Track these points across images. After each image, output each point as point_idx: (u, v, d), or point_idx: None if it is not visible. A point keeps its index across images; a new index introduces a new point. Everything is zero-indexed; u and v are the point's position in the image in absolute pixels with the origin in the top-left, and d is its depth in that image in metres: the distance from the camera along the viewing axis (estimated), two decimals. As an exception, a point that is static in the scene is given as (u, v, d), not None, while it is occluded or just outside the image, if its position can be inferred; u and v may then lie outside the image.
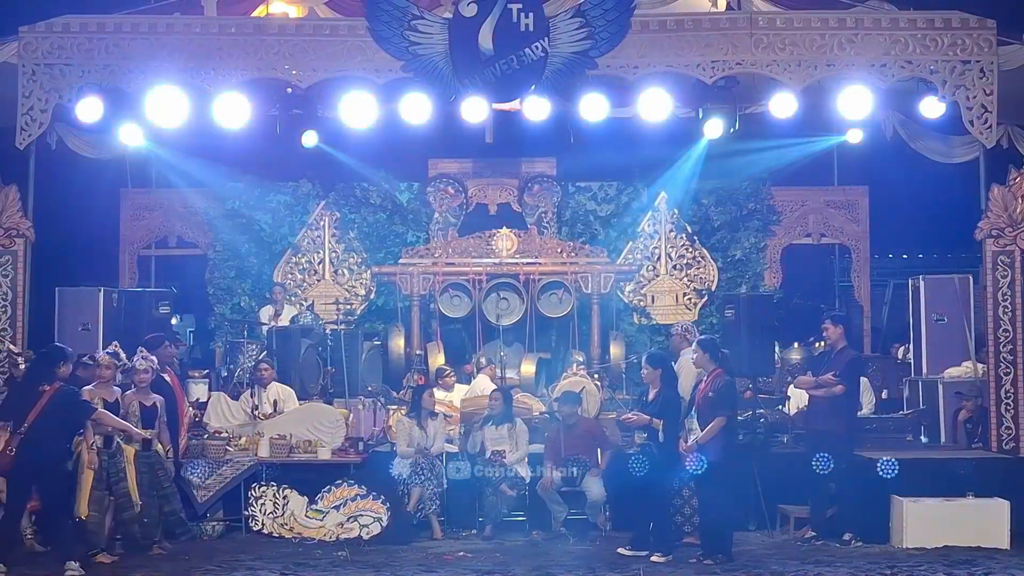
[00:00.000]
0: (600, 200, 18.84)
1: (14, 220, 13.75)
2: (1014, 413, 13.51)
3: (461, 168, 18.80)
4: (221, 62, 13.83)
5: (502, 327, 16.86)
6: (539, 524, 13.08)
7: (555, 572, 11.18)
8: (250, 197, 18.75)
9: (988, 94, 13.49)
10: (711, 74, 13.86)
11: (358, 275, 18.82)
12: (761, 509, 13.16)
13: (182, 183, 18.50)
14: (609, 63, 13.78)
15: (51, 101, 13.64)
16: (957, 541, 12.16)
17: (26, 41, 13.64)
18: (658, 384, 12.16)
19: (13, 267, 13.74)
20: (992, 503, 12.40)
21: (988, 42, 13.55)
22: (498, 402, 13.49)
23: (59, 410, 10.99)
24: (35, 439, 10.84)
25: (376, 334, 17.28)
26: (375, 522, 12.69)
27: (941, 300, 15.66)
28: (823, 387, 12.59)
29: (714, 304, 18.28)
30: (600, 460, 13.16)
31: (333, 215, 18.87)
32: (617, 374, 16.16)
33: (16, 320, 13.70)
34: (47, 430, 10.91)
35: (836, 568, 11.25)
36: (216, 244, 18.93)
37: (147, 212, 19.36)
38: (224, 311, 18.69)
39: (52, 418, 10.93)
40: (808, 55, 13.73)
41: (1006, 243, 13.73)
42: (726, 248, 18.84)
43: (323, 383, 15.76)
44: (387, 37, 13.71)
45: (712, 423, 11.60)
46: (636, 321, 18.56)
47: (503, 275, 16.96)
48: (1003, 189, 13.77)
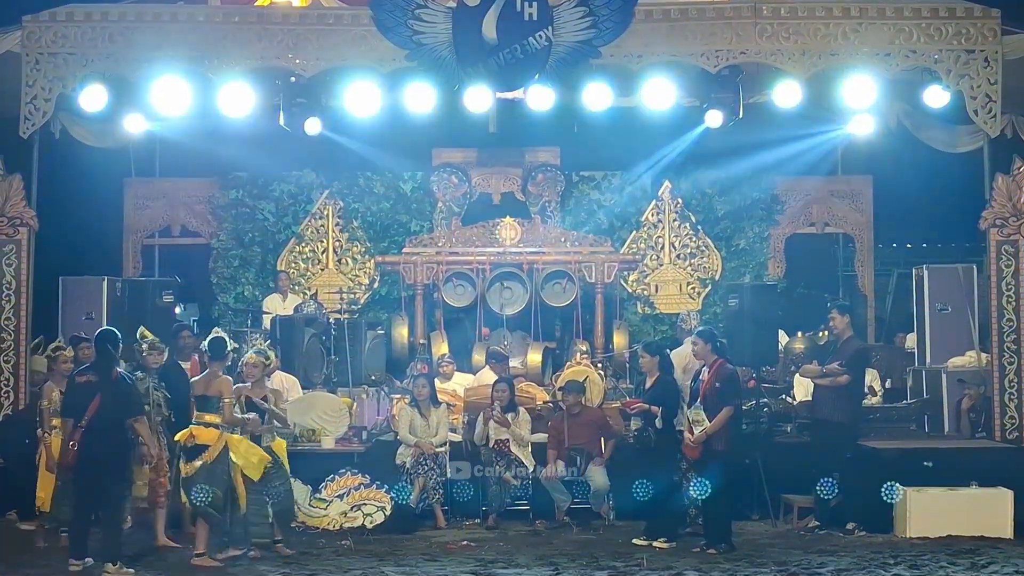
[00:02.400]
0: (604, 189, 18.83)
1: (18, 209, 13.76)
2: (1018, 403, 13.53)
3: (465, 157, 18.77)
4: (225, 51, 13.84)
5: (505, 316, 16.86)
6: (542, 513, 13.10)
7: (558, 561, 11.19)
8: (254, 186, 18.76)
9: (992, 83, 13.48)
10: (715, 63, 13.86)
11: (362, 264, 18.81)
12: (765, 498, 13.18)
13: (186, 172, 18.49)
14: (613, 52, 13.78)
15: (55, 90, 13.65)
16: (960, 531, 12.17)
17: (30, 30, 13.64)
18: (656, 372, 12.27)
19: (17, 256, 13.75)
20: (995, 493, 12.39)
21: (992, 31, 13.54)
22: (505, 393, 13.50)
23: (123, 397, 10.83)
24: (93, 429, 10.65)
25: (379, 323, 17.26)
26: (379, 511, 12.70)
27: (945, 290, 15.66)
28: (828, 376, 12.59)
29: (718, 293, 18.27)
30: (604, 449, 13.18)
31: (337, 204, 18.86)
32: (621, 363, 16.14)
33: (20, 309, 13.72)
34: (110, 418, 10.73)
35: (839, 557, 11.25)
36: (220, 233, 18.93)
37: (151, 201, 19.34)
38: (228, 300, 18.69)
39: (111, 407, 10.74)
40: (812, 44, 13.73)
41: (1010, 232, 13.73)
42: (730, 237, 18.82)
43: (326, 372, 15.77)
44: (391, 26, 13.71)
45: (720, 413, 11.62)
46: (640, 310, 18.56)
47: (507, 264, 16.93)
48: (1007, 178, 13.77)
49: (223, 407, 11.01)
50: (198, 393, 11.17)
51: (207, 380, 11.20)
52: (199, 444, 10.96)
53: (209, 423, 11.01)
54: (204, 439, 10.97)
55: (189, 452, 10.98)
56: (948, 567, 10.81)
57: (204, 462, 10.91)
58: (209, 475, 10.90)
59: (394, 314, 17.29)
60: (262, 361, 11.71)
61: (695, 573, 10.68)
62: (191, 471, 10.92)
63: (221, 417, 11.00)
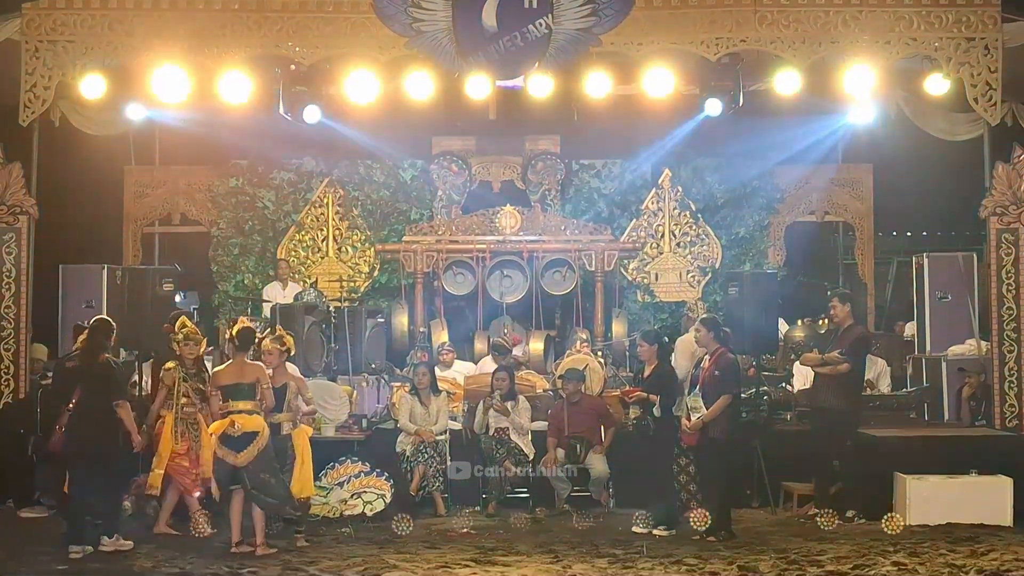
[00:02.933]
0: (604, 177, 18.83)
1: (17, 197, 13.77)
2: (1017, 391, 13.56)
3: (465, 145, 18.78)
4: (224, 39, 13.84)
5: (505, 304, 16.87)
6: (542, 501, 13.11)
7: (558, 549, 11.19)
8: (253, 174, 18.77)
9: (992, 71, 13.48)
10: (715, 51, 13.85)
11: (362, 252, 18.81)
12: (764, 486, 13.19)
13: (185, 160, 18.49)
14: (613, 40, 13.77)
15: (54, 78, 13.66)
16: (960, 518, 12.16)
17: (29, 18, 13.64)
18: (654, 360, 12.31)
19: (17, 244, 13.77)
20: (995, 480, 12.39)
21: (993, 19, 13.54)
22: (504, 382, 13.51)
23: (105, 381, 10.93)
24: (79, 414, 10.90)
25: (380, 311, 17.25)
26: (379, 499, 12.70)
27: (945, 278, 15.69)
28: (828, 365, 12.59)
29: (717, 282, 18.26)
30: (604, 437, 13.19)
31: (337, 193, 18.85)
32: (620, 351, 16.16)
33: (20, 297, 13.74)
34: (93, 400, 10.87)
35: (839, 545, 11.25)
36: (220, 222, 18.93)
37: (150, 189, 19.36)
38: (228, 288, 18.70)
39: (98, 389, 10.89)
40: (812, 32, 13.73)
41: (1010, 221, 13.74)
42: (730, 226, 18.82)
43: (326, 360, 15.77)
44: (391, 14, 13.70)
45: (718, 401, 11.63)
46: (640, 299, 18.55)
47: (507, 253, 16.95)
48: (1007, 167, 13.77)
49: (261, 392, 10.95)
50: (228, 382, 11.02)
51: (237, 369, 11.08)
52: (247, 432, 10.85)
53: (243, 411, 10.90)
54: (250, 427, 10.85)
55: (237, 442, 10.84)
56: (947, 554, 10.81)
57: (259, 449, 10.84)
58: (261, 462, 10.87)
59: (394, 302, 17.31)
60: (278, 348, 11.63)
61: (695, 560, 10.67)
62: (247, 459, 10.82)
63: (256, 404, 10.94)
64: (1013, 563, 10.43)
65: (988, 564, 10.41)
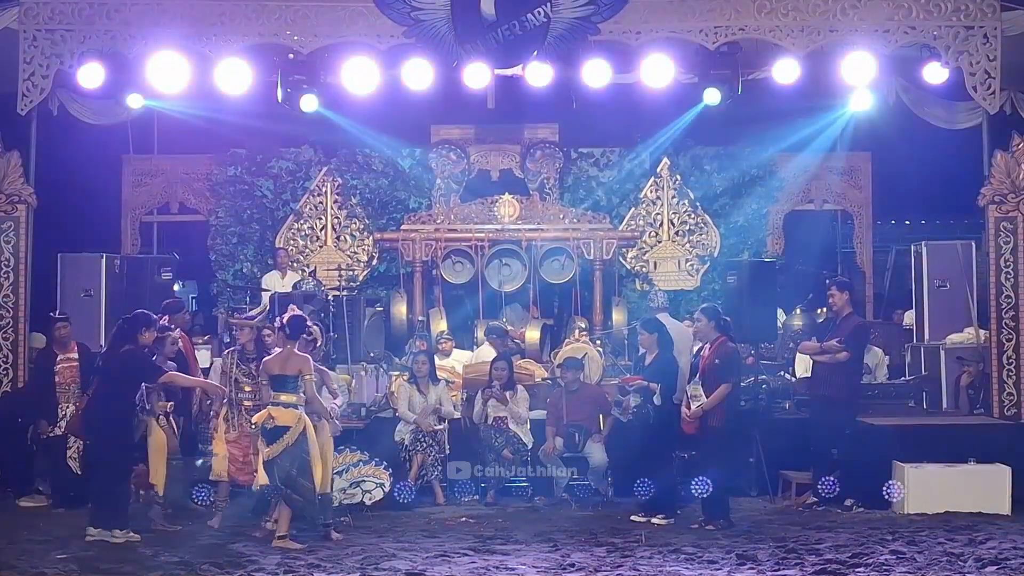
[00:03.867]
0: (602, 166, 18.82)
1: (16, 186, 13.76)
2: (1016, 379, 13.57)
3: (463, 134, 18.76)
4: (223, 27, 13.79)
5: (504, 293, 16.87)
6: (541, 490, 13.14)
7: (557, 537, 11.21)
8: (252, 163, 18.74)
9: (991, 60, 13.45)
10: (714, 39, 13.82)
11: (360, 241, 18.79)
12: (763, 475, 13.20)
13: (184, 149, 18.48)
14: (611, 28, 13.74)
15: (52, 67, 13.62)
16: (958, 507, 12.20)
17: (27, 6, 13.59)
18: (654, 349, 12.31)
19: (15, 233, 13.76)
20: (993, 469, 12.41)
21: (992, 7, 13.51)
22: (503, 371, 13.52)
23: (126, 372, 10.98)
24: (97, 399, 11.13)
25: (378, 300, 17.28)
26: (377, 488, 12.70)
27: (943, 266, 15.70)
28: (827, 353, 12.60)
29: (716, 270, 18.26)
30: (602, 426, 13.20)
31: (335, 181, 18.83)
32: (619, 340, 16.16)
33: (18, 286, 13.73)
34: (109, 391, 10.97)
35: (837, 534, 11.28)
36: (218, 210, 18.89)
37: (149, 178, 19.31)
38: (226, 277, 18.69)
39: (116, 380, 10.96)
40: (811, 20, 13.70)
41: (1009, 209, 13.75)
42: (728, 214, 18.80)
43: (325, 349, 15.75)
44: (389, 3, 13.66)
45: (718, 390, 11.65)
46: (638, 287, 18.53)
47: (505, 241, 16.95)
48: (1006, 155, 13.78)
49: (303, 384, 10.84)
50: (274, 372, 10.90)
51: (283, 359, 10.94)
52: (279, 426, 10.75)
53: (286, 403, 10.80)
54: (283, 420, 10.74)
55: (269, 434, 10.77)
56: (946, 543, 10.83)
57: (287, 444, 10.72)
58: (290, 457, 10.75)
59: (393, 291, 17.30)
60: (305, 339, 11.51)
61: (693, 549, 10.69)
62: (272, 454, 10.73)
63: (299, 396, 10.83)
64: (1011, 551, 10.45)
65: (986, 552, 10.43)
